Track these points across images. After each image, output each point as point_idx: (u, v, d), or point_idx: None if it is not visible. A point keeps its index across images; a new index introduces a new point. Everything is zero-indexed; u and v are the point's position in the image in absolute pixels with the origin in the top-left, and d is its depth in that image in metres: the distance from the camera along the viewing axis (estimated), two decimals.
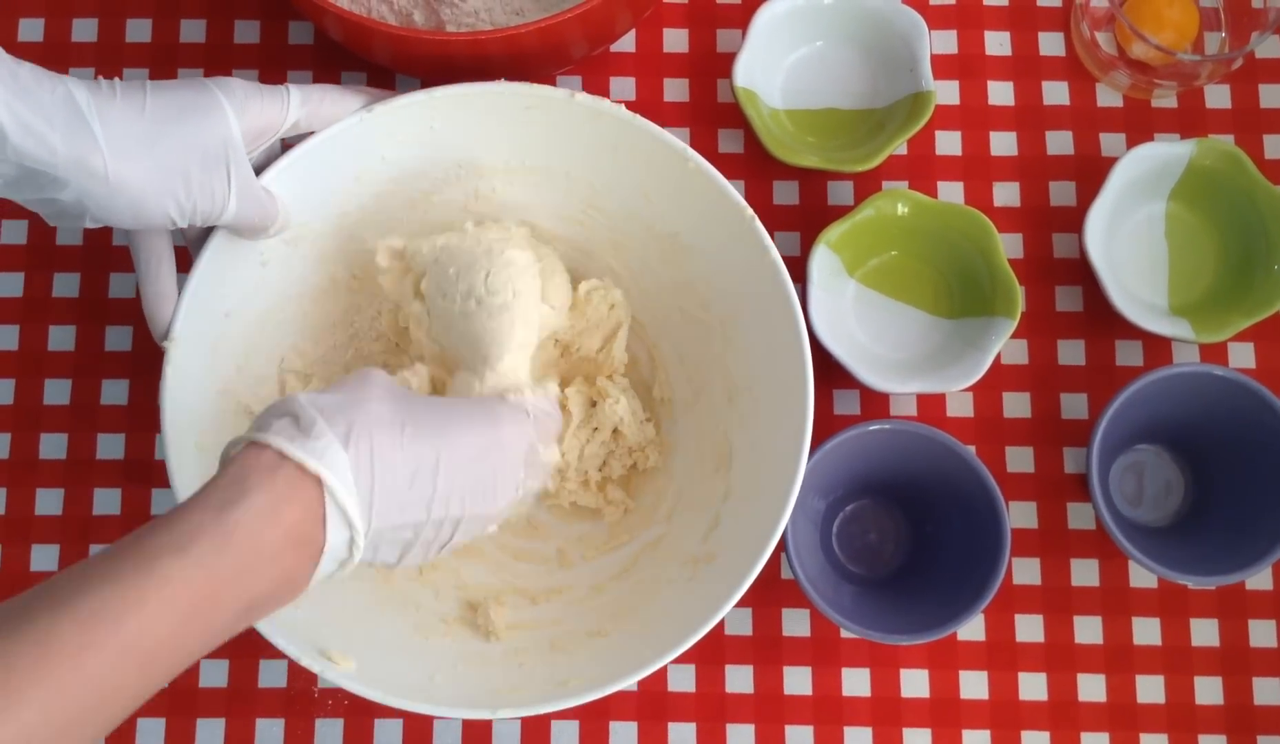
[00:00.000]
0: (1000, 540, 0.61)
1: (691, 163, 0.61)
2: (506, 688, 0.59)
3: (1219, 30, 0.74)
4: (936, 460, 0.64)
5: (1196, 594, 0.68)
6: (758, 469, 0.61)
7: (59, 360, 0.71)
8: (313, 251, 0.65)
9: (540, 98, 0.61)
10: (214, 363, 0.62)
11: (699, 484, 0.65)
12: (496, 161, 0.64)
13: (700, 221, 0.63)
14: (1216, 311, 0.68)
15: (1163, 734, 0.66)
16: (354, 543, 0.48)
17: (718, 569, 0.60)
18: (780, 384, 0.60)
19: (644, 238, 0.65)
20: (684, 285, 0.65)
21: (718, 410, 0.65)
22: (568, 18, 0.61)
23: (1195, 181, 0.69)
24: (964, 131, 0.73)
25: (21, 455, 0.70)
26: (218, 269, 0.61)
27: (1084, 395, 0.70)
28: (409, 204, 0.66)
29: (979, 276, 0.68)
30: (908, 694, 0.67)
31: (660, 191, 0.63)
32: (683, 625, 0.58)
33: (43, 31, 0.75)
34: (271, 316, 0.64)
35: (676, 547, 0.64)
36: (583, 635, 0.62)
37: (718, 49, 0.74)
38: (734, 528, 0.61)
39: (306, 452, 0.47)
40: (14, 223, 0.72)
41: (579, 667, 0.60)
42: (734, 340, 0.64)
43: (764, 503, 0.59)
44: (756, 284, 0.61)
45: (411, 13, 0.68)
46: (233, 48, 0.74)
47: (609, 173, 0.64)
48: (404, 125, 0.62)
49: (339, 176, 0.63)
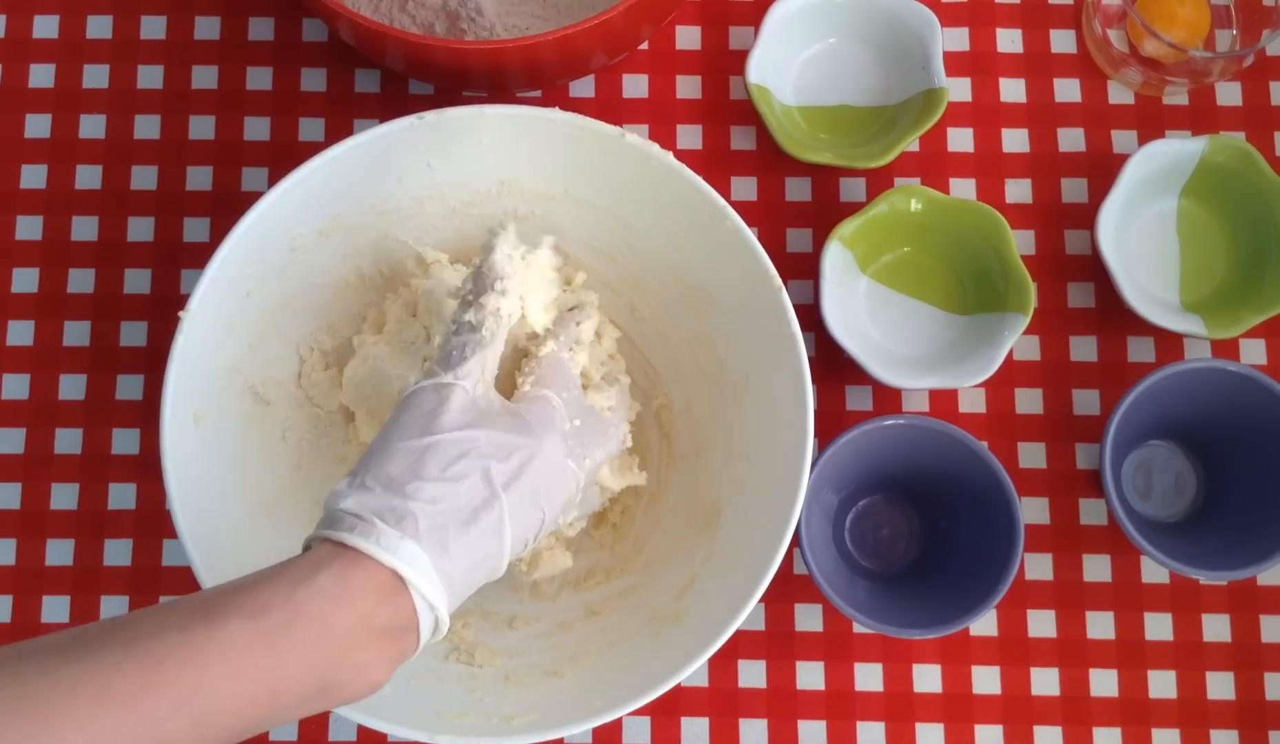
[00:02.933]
0: (1013, 536, 0.62)
1: (730, 222, 0.60)
2: (452, 713, 0.58)
3: (1230, 27, 0.74)
4: (949, 456, 0.64)
5: (1208, 589, 0.68)
6: (742, 538, 0.61)
7: (69, 409, 0.71)
8: (344, 244, 0.64)
9: (591, 132, 0.61)
10: (227, 339, 0.62)
11: (682, 542, 0.64)
12: (539, 185, 0.64)
13: (729, 280, 0.62)
14: (1228, 308, 0.69)
15: (1175, 729, 0.67)
16: (439, 625, 0.49)
17: (683, 631, 0.60)
18: (779, 458, 0.59)
19: (672, 284, 0.65)
20: (703, 338, 0.65)
21: (715, 471, 0.64)
22: (586, 28, 0.61)
23: (1207, 178, 0.70)
24: (976, 128, 0.73)
25: (32, 507, 0.70)
26: (246, 248, 0.60)
27: (1096, 391, 0.70)
28: (448, 212, 0.65)
29: (991, 273, 0.68)
30: (920, 689, 0.67)
31: (695, 243, 0.63)
32: (639, 682, 0.57)
33: (58, 28, 0.75)
34: (293, 302, 0.64)
35: (647, 600, 0.63)
36: (539, 673, 0.61)
37: (730, 46, 0.74)
38: (707, 592, 0.61)
39: (376, 543, 0.47)
40: (25, 270, 0.72)
41: (529, 704, 0.59)
42: (743, 404, 0.63)
43: (740, 574, 0.58)
44: (774, 353, 0.60)
45: (433, 24, 0.68)
46: (247, 45, 0.75)
47: (648, 216, 0.63)
48: (454, 137, 0.62)
49: (382, 175, 0.63)
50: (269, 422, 0.64)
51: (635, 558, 0.65)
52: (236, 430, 0.63)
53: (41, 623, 0.68)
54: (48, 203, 0.73)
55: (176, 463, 0.59)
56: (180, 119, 0.74)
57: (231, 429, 0.62)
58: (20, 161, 0.73)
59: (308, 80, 0.74)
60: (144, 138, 0.74)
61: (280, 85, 0.74)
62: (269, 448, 0.64)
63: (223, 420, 0.62)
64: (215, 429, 0.61)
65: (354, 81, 0.74)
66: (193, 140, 0.73)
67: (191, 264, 0.72)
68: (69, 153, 0.73)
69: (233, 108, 0.74)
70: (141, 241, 0.72)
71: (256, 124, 0.74)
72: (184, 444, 0.59)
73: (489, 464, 0.50)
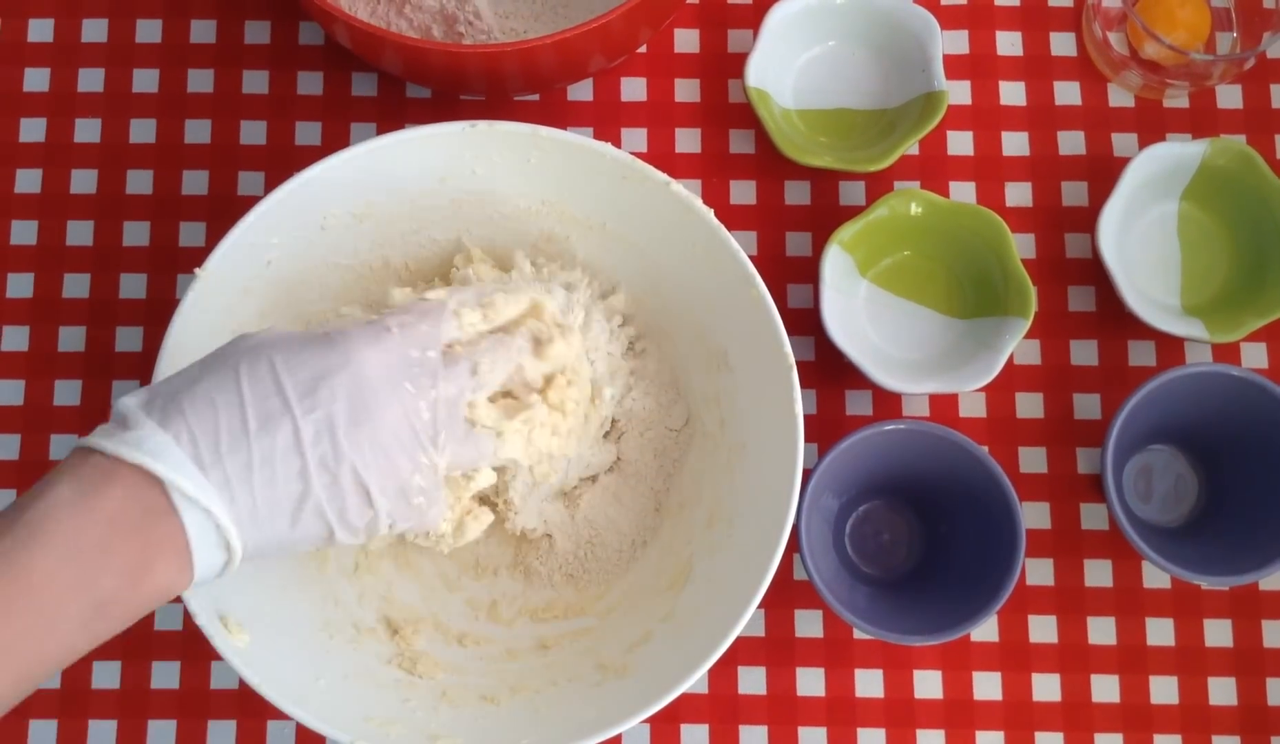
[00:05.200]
0: (1015, 541, 0.61)
1: (755, 290, 0.60)
2: (379, 719, 0.58)
3: (1231, 30, 0.74)
4: (950, 461, 0.63)
5: (1210, 595, 0.68)
6: (704, 604, 0.60)
7: (65, 414, 0.71)
8: (375, 231, 0.64)
9: (638, 174, 0.60)
10: (238, 305, 0.61)
11: (646, 595, 0.64)
12: (579, 213, 0.64)
13: (747, 349, 0.62)
14: (1229, 311, 0.68)
15: (1176, 735, 0.66)
16: (220, 525, 0.45)
17: (625, 686, 0.59)
18: (757, 533, 0.59)
19: (692, 340, 0.65)
20: (710, 398, 0.65)
21: (694, 530, 0.64)
22: (584, 31, 0.60)
23: (1208, 181, 0.69)
24: (976, 131, 0.73)
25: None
26: (276, 217, 0.59)
27: (1097, 396, 0.70)
28: (485, 219, 0.65)
29: (992, 276, 0.68)
30: (921, 695, 0.67)
31: (721, 306, 0.62)
32: (572, 728, 0.57)
33: (52, 31, 0.74)
34: (312, 278, 0.63)
35: (599, 645, 0.62)
36: (475, 696, 0.61)
37: (729, 49, 0.74)
38: (659, 652, 0.60)
39: (115, 440, 0.44)
40: (20, 275, 0.72)
41: (459, 727, 0.58)
42: (735, 470, 0.63)
43: (696, 641, 0.58)
44: (775, 428, 0.60)
45: (430, 27, 0.68)
46: (242, 48, 0.74)
47: (681, 268, 0.63)
48: (502, 150, 0.61)
49: (425, 172, 0.62)
50: None
51: (598, 600, 0.65)
52: None
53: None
54: (43, 207, 0.72)
55: None
56: (176, 123, 0.73)
57: None
58: (15, 166, 0.73)
59: (304, 84, 0.74)
60: (139, 142, 0.73)
61: (276, 89, 0.74)
62: None
63: None
64: None
65: (351, 85, 0.74)
66: (188, 144, 0.73)
67: (187, 269, 0.71)
68: (64, 157, 0.73)
69: (229, 112, 0.73)
70: (137, 246, 0.72)
71: (253, 128, 0.73)
72: None
73: (277, 369, 0.46)
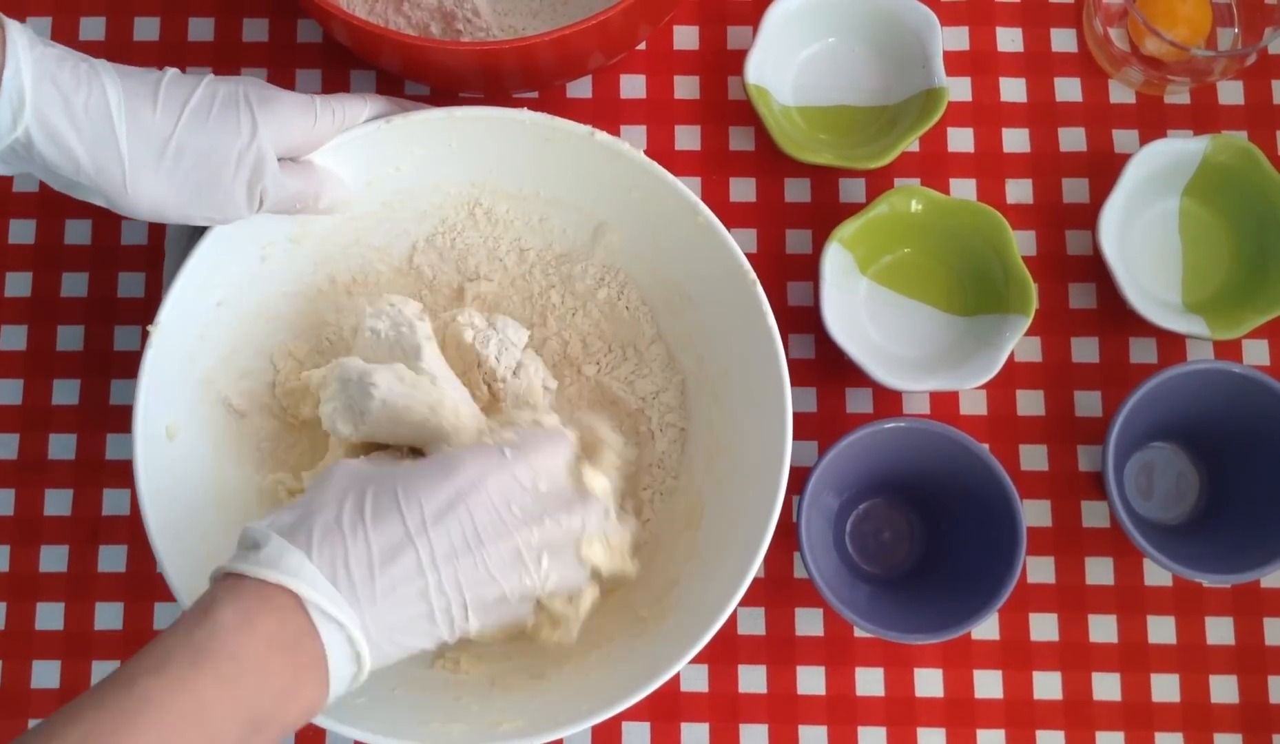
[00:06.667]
0: (1015, 539, 0.61)
1: (701, 217, 0.60)
2: (439, 721, 0.58)
3: (1232, 26, 0.73)
4: (951, 458, 0.63)
5: (1211, 592, 0.68)
6: (726, 533, 0.60)
7: (63, 414, 0.71)
8: (316, 251, 0.64)
9: (561, 132, 0.61)
10: (199, 351, 0.61)
11: (667, 541, 0.64)
12: (510, 186, 0.64)
13: (704, 275, 0.62)
14: (1231, 308, 0.68)
15: (1178, 733, 0.66)
16: (353, 640, 0.47)
17: (669, 630, 0.59)
18: (759, 450, 0.59)
19: (649, 281, 0.65)
20: (682, 336, 0.65)
21: (696, 468, 0.64)
22: (583, 28, 0.60)
23: (1209, 177, 0.69)
24: (976, 128, 0.73)
25: (26, 513, 0.69)
26: (216, 258, 0.60)
27: (1098, 393, 0.70)
28: (419, 216, 0.65)
29: (992, 273, 0.68)
30: (922, 694, 0.67)
31: (669, 239, 0.63)
32: (626, 683, 0.57)
33: (50, 31, 0.74)
34: (265, 311, 0.64)
35: (631, 600, 0.62)
36: (525, 677, 0.61)
37: (729, 46, 0.74)
38: (693, 590, 0.60)
39: (266, 566, 0.47)
40: (18, 275, 0.72)
41: (515, 710, 0.59)
42: (721, 398, 0.63)
43: (725, 569, 0.58)
44: (752, 347, 0.60)
45: (428, 25, 0.67)
46: (241, 46, 0.74)
47: (620, 214, 0.63)
48: (421, 140, 0.62)
49: (350, 181, 0.62)
50: (244, 432, 0.64)
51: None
52: (212, 442, 0.62)
53: (35, 629, 0.68)
54: (41, 206, 0.72)
55: (149, 475, 0.58)
56: None
57: (206, 441, 0.62)
58: None
59: (303, 82, 0.74)
60: None
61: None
62: (245, 459, 0.63)
63: (197, 433, 0.62)
64: (189, 443, 0.61)
65: (350, 83, 0.74)
66: None
67: None
68: None
69: None
70: (135, 245, 0.72)
71: None
72: (155, 455, 0.59)
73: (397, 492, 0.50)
